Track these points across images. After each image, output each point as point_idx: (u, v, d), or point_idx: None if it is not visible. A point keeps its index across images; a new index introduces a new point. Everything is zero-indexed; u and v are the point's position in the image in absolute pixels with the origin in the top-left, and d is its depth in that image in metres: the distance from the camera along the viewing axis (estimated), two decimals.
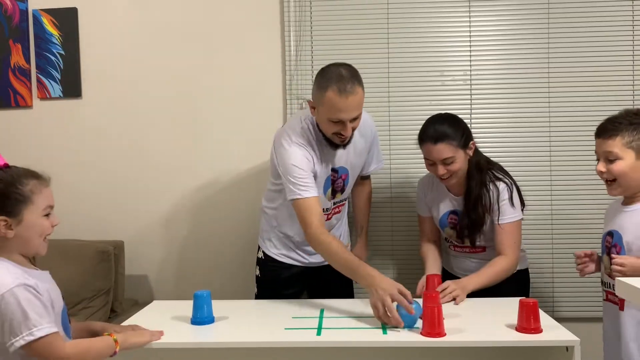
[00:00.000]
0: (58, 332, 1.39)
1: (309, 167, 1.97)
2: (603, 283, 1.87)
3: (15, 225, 1.40)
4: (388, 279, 1.75)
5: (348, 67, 1.94)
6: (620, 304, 1.75)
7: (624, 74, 2.60)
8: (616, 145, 1.72)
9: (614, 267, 1.67)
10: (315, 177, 2.01)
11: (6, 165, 1.44)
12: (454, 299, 1.92)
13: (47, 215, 1.46)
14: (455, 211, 2.16)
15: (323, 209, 2.09)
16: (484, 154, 2.21)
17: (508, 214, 2.06)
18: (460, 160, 2.04)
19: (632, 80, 2.60)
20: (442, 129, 2.03)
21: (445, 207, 2.18)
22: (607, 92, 2.60)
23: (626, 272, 1.64)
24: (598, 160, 1.79)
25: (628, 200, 1.79)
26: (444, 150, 2.01)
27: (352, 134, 2.00)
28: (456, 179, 2.09)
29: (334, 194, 2.16)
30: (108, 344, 1.47)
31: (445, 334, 1.58)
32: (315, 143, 2.03)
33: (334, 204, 2.20)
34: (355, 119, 1.93)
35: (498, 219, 2.06)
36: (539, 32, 2.62)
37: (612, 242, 1.78)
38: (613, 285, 1.75)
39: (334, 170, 2.11)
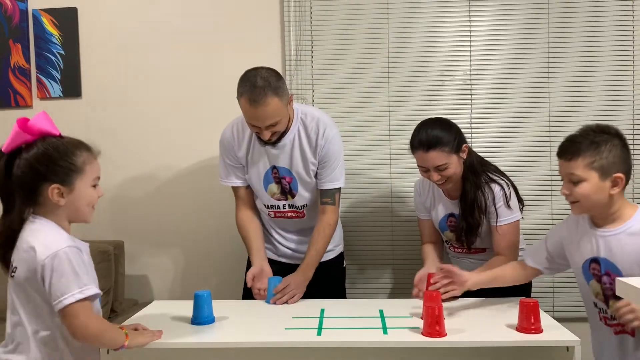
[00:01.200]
0: (101, 294, 1.45)
1: (229, 152, 2.13)
2: (596, 306, 1.75)
3: (67, 193, 1.45)
4: (257, 266, 2.08)
5: (268, 73, 1.92)
6: (632, 331, 1.64)
7: (624, 74, 2.60)
8: (578, 167, 1.63)
9: (625, 317, 1.52)
10: (243, 165, 2.13)
11: (61, 135, 1.51)
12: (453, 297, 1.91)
13: (94, 186, 1.52)
14: (454, 214, 2.15)
15: (268, 205, 2.18)
16: (484, 154, 2.20)
17: (504, 215, 2.04)
18: (454, 165, 2.01)
19: (632, 80, 2.60)
20: (434, 135, 1.99)
21: (443, 210, 2.17)
22: (607, 92, 2.60)
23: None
24: (562, 180, 1.71)
25: (599, 222, 1.69)
26: (437, 157, 1.98)
27: (283, 135, 2.03)
28: (452, 183, 2.07)
29: (284, 194, 2.15)
30: (121, 336, 1.50)
31: (445, 334, 1.58)
32: (250, 134, 2.10)
33: (289, 206, 2.17)
34: (274, 125, 1.94)
35: (495, 221, 2.04)
36: (539, 32, 2.62)
37: (601, 270, 1.68)
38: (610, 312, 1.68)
39: (275, 167, 2.12)
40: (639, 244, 1.62)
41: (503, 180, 2.08)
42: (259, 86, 1.88)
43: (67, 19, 2.76)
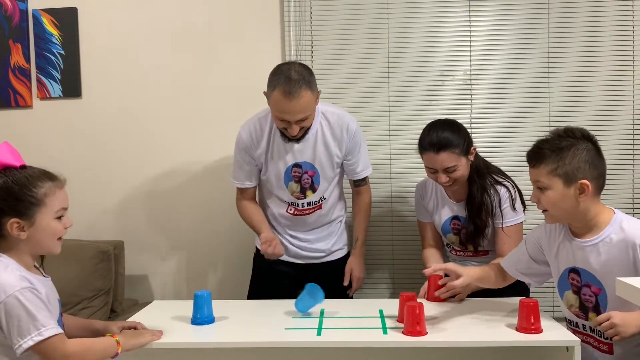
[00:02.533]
0: (63, 332, 1.40)
1: (246, 154, 2.14)
2: (569, 321, 1.73)
3: (27, 227, 1.41)
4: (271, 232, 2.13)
5: (301, 68, 1.96)
6: (609, 347, 1.60)
7: (624, 74, 2.60)
8: (541, 174, 1.58)
9: (607, 331, 1.49)
10: (260, 166, 2.15)
11: (23, 166, 1.45)
12: (453, 296, 1.92)
13: (60, 217, 1.46)
14: (457, 217, 2.14)
15: (287, 202, 2.19)
16: (484, 154, 2.21)
17: (510, 217, 2.05)
18: (462, 167, 2.02)
19: (632, 80, 2.60)
20: (445, 137, 1.99)
21: (447, 213, 2.16)
22: (607, 92, 2.60)
23: (621, 331, 1.47)
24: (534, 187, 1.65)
25: (576, 231, 1.64)
26: (447, 159, 1.98)
27: (307, 131, 2.05)
28: (458, 185, 2.07)
29: (303, 191, 2.16)
30: (111, 344, 1.47)
31: (426, 333, 1.58)
32: (269, 132, 2.11)
33: (307, 204, 2.19)
34: (304, 120, 1.97)
35: (501, 223, 2.05)
36: (539, 32, 2.62)
37: (581, 281, 1.62)
38: (583, 325, 1.66)
39: (297, 165, 2.12)
40: (616, 254, 1.55)
41: (508, 182, 2.09)
42: (294, 79, 1.90)
43: (67, 19, 2.75)
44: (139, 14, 2.76)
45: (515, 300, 1.68)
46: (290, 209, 2.20)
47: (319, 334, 1.64)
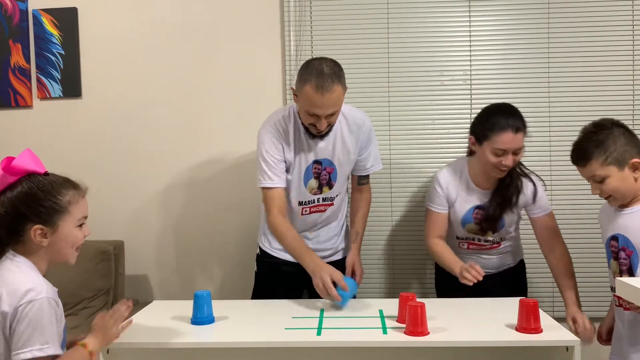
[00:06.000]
0: (61, 354, 1.37)
1: (278, 152, 2.07)
2: (612, 289, 1.84)
3: (50, 234, 1.40)
4: (329, 266, 1.91)
5: (332, 63, 1.97)
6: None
7: (624, 74, 2.60)
8: (595, 169, 1.72)
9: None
10: (288, 164, 2.11)
11: (46, 173, 1.44)
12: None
13: (80, 225, 1.46)
14: (481, 206, 2.16)
15: (303, 201, 2.17)
16: None
17: (545, 206, 2.13)
18: (521, 153, 2.08)
19: (632, 80, 2.60)
20: (517, 117, 2.04)
21: (472, 202, 2.16)
22: (607, 92, 2.60)
23: None
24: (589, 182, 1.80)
25: (626, 204, 1.77)
26: (521, 140, 2.04)
27: (331, 128, 2.06)
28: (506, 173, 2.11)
29: (320, 187, 2.17)
30: (82, 355, 1.43)
31: (428, 333, 1.58)
32: (294, 130, 2.10)
33: (322, 199, 2.19)
34: (332, 115, 1.98)
35: (539, 212, 2.13)
36: (539, 32, 2.62)
37: (618, 246, 1.76)
38: None
39: (317, 162, 2.12)
40: None
41: (535, 174, 2.17)
42: (326, 73, 1.92)
43: (67, 19, 2.75)
44: (139, 14, 2.76)
45: (515, 300, 1.68)
46: (306, 209, 2.19)
47: (318, 334, 1.64)
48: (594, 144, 1.72)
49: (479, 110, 2.64)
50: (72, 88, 2.78)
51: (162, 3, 2.75)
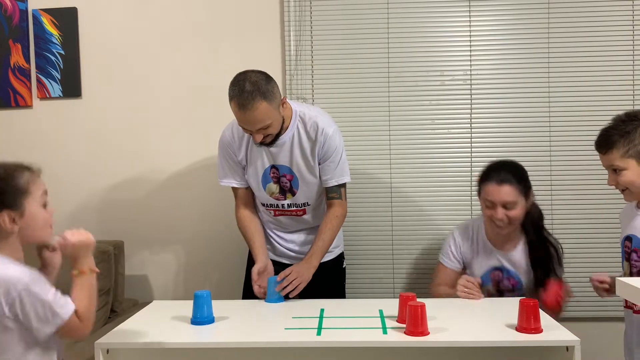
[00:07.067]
0: (74, 305, 1.40)
1: (231, 153, 2.13)
2: None
3: (18, 218, 1.40)
4: (261, 262, 2.08)
5: (257, 77, 1.92)
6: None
7: (624, 74, 2.60)
8: (615, 158, 1.72)
9: None
10: (242, 165, 2.14)
11: None
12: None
13: (44, 205, 1.46)
14: (500, 268, 2.09)
15: (266, 204, 2.19)
16: (484, 154, 2.22)
17: (560, 274, 2.06)
18: (520, 208, 2.00)
19: (632, 80, 2.60)
20: (509, 171, 2.02)
21: (489, 263, 2.11)
22: (607, 92, 2.60)
23: None
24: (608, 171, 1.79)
25: None
26: (509, 192, 1.98)
27: (277, 137, 2.02)
28: (511, 228, 2.04)
29: (283, 193, 2.16)
30: (88, 280, 1.45)
31: (428, 333, 1.58)
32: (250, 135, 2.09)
33: (288, 205, 2.17)
34: (265, 128, 1.94)
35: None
36: (539, 32, 2.62)
37: (631, 247, 1.75)
38: None
39: (274, 167, 2.12)
40: None
41: (553, 237, 2.10)
42: (247, 91, 1.88)
43: (67, 19, 2.75)
44: (138, 14, 2.76)
45: (515, 300, 1.68)
46: (272, 211, 2.20)
47: (318, 334, 1.64)
48: (619, 132, 1.71)
49: (479, 110, 2.66)
50: (72, 88, 2.78)
51: (162, 3, 2.75)
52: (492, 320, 1.73)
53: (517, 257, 2.08)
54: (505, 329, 1.63)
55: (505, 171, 2.02)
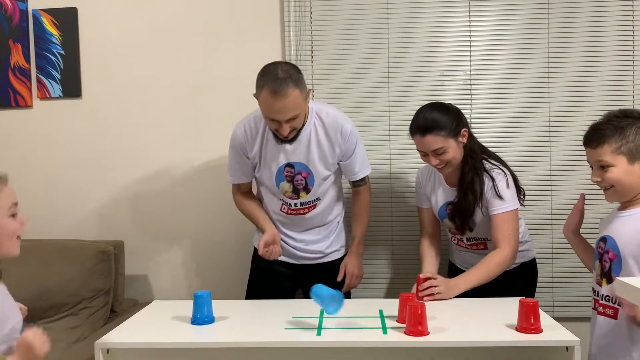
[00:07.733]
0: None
1: (242, 152, 2.15)
2: (593, 291, 1.77)
3: None
4: (270, 231, 2.13)
5: (288, 66, 1.95)
6: (615, 312, 1.66)
7: (624, 74, 2.60)
8: (605, 153, 1.65)
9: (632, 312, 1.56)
10: (254, 163, 2.14)
11: None
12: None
13: (13, 215, 1.37)
14: (452, 202, 2.14)
15: (282, 201, 2.19)
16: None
17: (498, 204, 2.03)
18: (452, 150, 2.02)
19: (632, 80, 2.60)
20: (431, 119, 2.00)
21: (443, 198, 2.17)
22: (607, 92, 2.60)
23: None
24: (592, 168, 1.72)
25: (624, 205, 1.72)
26: (433, 141, 2.00)
27: (299, 132, 2.04)
28: (451, 167, 2.07)
29: (296, 192, 2.16)
30: None
31: (428, 333, 1.58)
32: (263, 131, 2.11)
33: (301, 204, 2.18)
34: (294, 119, 1.96)
35: (491, 210, 2.04)
36: (539, 32, 2.62)
37: (604, 248, 1.71)
38: (605, 296, 1.69)
39: (289, 165, 2.12)
40: (636, 225, 1.64)
41: (502, 168, 2.07)
42: (280, 77, 1.89)
43: (67, 19, 2.75)
44: (138, 14, 2.76)
45: (515, 300, 1.68)
46: (284, 208, 2.20)
47: (318, 334, 1.64)
48: (613, 127, 1.64)
49: (479, 110, 2.66)
50: (72, 88, 2.78)
51: (162, 3, 2.75)
52: (492, 320, 1.73)
53: None
54: (505, 329, 1.63)
55: (428, 119, 2.01)
